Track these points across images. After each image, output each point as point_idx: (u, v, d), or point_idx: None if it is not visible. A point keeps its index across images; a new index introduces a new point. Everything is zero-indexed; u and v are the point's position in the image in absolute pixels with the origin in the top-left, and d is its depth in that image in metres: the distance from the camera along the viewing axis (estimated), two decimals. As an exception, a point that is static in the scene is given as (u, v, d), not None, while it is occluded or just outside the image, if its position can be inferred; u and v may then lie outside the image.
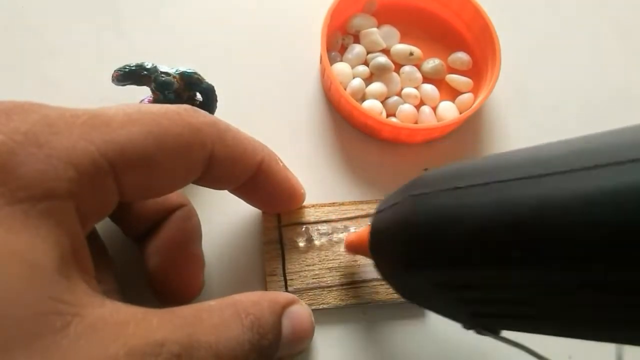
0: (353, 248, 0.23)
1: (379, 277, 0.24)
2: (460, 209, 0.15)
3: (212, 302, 0.18)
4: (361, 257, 0.24)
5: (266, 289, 0.24)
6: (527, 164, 0.15)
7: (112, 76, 0.25)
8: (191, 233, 0.23)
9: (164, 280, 0.22)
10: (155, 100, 0.25)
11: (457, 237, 0.15)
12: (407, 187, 0.18)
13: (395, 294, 0.24)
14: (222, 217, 0.26)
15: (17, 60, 0.29)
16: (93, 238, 0.21)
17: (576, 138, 0.15)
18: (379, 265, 0.20)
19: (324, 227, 0.25)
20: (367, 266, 0.24)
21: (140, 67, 0.24)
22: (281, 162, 0.23)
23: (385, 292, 0.24)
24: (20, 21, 0.30)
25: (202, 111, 0.20)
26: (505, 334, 0.18)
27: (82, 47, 0.29)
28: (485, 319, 0.17)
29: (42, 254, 0.15)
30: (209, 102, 0.26)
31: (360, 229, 0.24)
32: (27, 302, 0.14)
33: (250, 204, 0.24)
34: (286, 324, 0.20)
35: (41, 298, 0.14)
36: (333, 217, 0.25)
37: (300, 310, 0.21)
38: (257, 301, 0.19)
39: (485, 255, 0.15)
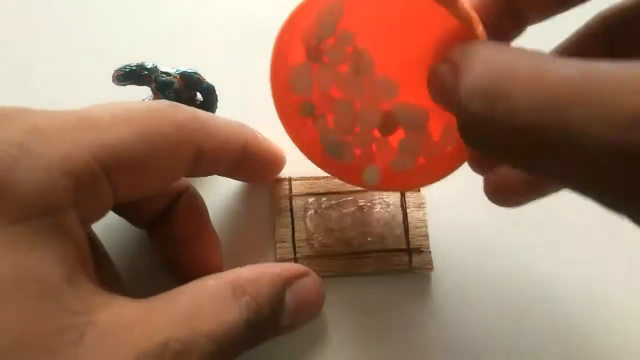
0: None
1: (385, 247, 0.25)
2: None
3: (211, 281, 0.19)
4: (369, 228, 0.25)
5: (276, 255, 0.24)
6: None
7: (113, 76, 0.25)
8: (201, 214, 0.23)
9: (185, 264, 0.22)
10: (156, 100, 0.25)
11: None
12: None
13: (401, 265, 0.24)
14: (233, 187, 0.26)
15: (16, 59, 0.29)
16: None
17: None
18: None
19: (333, 199, 0.25)
20: (373, 236, 0.25)
21: (141, 67, 0.24)
22: (261, 135, 0.24)
23: (391, 262, 0.24)
24: (20, 21, 0.30)
25: (182, 105, 0.20)
26: None
27: (82, 46, 0.29)
28: None
29: (52, 269, 0.15)
30: (209, 102, 0.26)
31: None
32: (44, 319, 0.14)
33: (238, 180, 0.25)
34: (290, 298, 0.20)
35: (56, 313, 0.15)
36: (343, 189, 0.26)
37: (307, 284, 0.21)
38: (256, 278, 0.19)
39: None
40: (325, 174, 0.25)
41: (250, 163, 0.23)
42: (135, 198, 0.20)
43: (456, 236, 0.25)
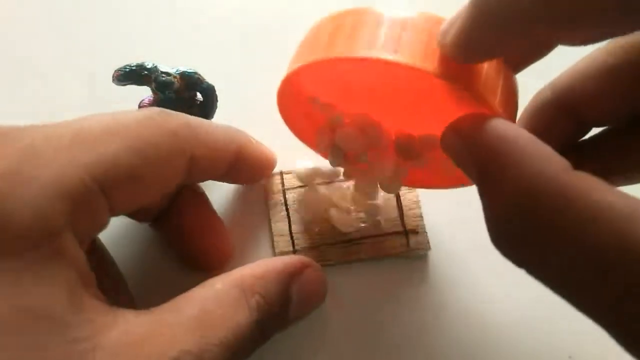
0: None
1: (381, 232, 0.25)
2: None
3: (217, 284, 0.19)
4: (363, 214, 0.25)
5: (274, 248, 0.25)
6: None
7: (113, 76, 0.25)
8: (204, 201, 0.23)
9: (196, 252, 0.22)
10: (156, 100, 0.25)
11: None
12: None
13: (399, 247, 0.25)
14: (226, 186, 0.26)
15: (17, 59, 0.29)
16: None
17: None
18: None
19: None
20: (367, 223, 0.25)
21: (141, 67, 0.24)
22: (254, 140, 0.24)
23: (388, 245, 0.25)
24: (20, 21, 0.30)
25: (173, 112, 0.20)
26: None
27: (82, 46, 0.29)
28: None
29: (53, 300, 0.15)
30: (209, 102, 0.26)
31: None
32: (49, 352, 0.14)
33: (230, 183, 0.26)
34: (295, 292, 0.20)
35: (62, 344, 0.15)
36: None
37: (311, 277, 0.21)
38: (263, 275, 0.19)
39: None
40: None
41: (242, 168, 0.23)
42: (132, 210, 0.20)
43: (451, 216, 0.25)
